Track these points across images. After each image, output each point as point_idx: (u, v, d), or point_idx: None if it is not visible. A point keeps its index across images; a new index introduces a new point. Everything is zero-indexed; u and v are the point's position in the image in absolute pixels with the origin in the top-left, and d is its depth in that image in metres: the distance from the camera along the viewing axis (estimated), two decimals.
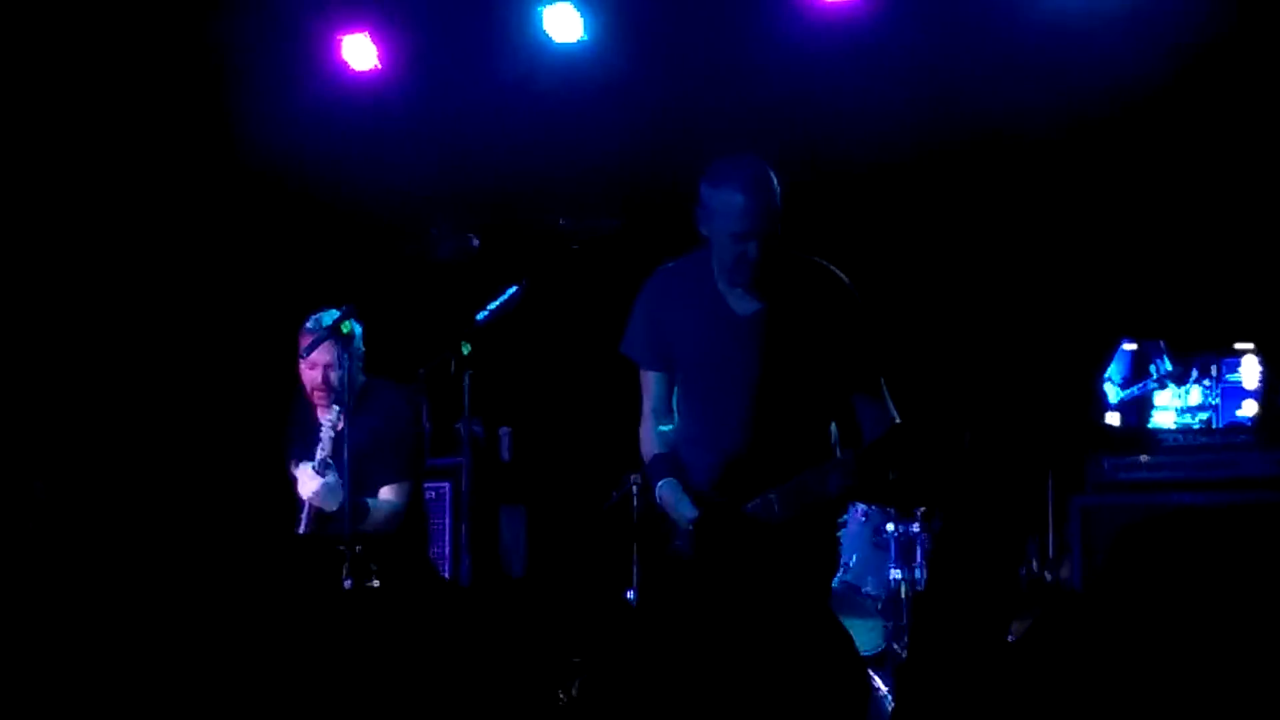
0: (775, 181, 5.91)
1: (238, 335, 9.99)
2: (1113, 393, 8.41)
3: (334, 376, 7.47)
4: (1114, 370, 8.40)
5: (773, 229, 5.87)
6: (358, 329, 7.55)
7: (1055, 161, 9.03)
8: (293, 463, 7.83)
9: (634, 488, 8.26)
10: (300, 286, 7.87)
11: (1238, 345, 8.29)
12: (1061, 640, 6.15)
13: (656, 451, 6.16)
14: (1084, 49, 8.68)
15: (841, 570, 8.33)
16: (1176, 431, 8.21)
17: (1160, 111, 8.74)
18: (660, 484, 6.07)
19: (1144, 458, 8.25)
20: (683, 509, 5.97)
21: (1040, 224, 9.09)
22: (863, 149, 9.04)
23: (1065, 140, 8.93)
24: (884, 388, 6.09)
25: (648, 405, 6.23)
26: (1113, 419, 8.37)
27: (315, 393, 7.55)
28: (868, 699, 6.36)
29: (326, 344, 7.43)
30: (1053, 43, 8.78)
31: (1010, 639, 8.22)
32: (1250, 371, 8.22)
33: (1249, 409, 8.20)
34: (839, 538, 6.28)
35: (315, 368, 7.52)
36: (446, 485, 8.94)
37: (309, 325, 7.57)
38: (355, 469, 7.13)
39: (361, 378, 7.62)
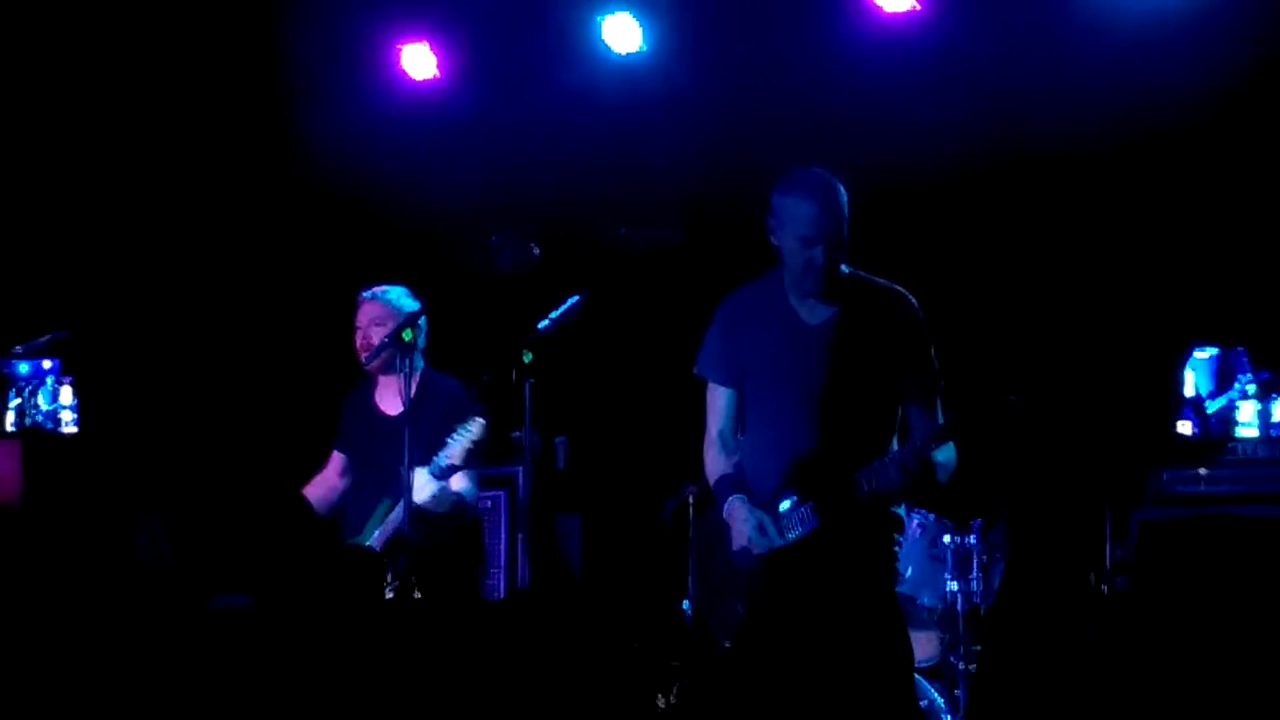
0: (842, 192, 6.13)
1: (299, 344, 10.03)
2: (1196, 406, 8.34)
3: (375, 339, 7.64)
4: (1199, 380, 8.33)
5: (838, 236, 6.09)
6: (405, 305, 7.69)
7: (1127, 170, 8.99)
8: (337, 452, 7.95)
9: (690, 497, 8.29)
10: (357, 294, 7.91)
11: None
12: (1117, 651, 6.15)
13: (724, 472, 6.31)
14: (1147, 57, 8.64)
15: (898, 582, 8.32)
16: (1241, 442, 8.13)
17: (1236, 117, 8.70)
18: (731, 499, 6.21)
19: (1203, 471, 8.18)
20: (752, 529, 6.13)
21: (1112, 233, 9.05)
22: (924, 159, 9.02)
23: (1136, 148, 8.89)
24: (939, 404, 6.24)
25: (714, 427, 6.37)
26: (1184, 427, 8.31)
27: (360, 355, 7.76)
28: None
29: (367, 304, 7.78)
30: (1115, 51, 8.75)
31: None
32: None
33: None
34: (896, 551, 6.32)
35: (359, 329, 7.78)
36: (502, 494, 8.96)
37: (365, 294, 7.73)
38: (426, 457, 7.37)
39: (420, 363, 7.73)
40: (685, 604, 8.22)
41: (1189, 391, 8.19)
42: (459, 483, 7.70)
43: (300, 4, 9.70)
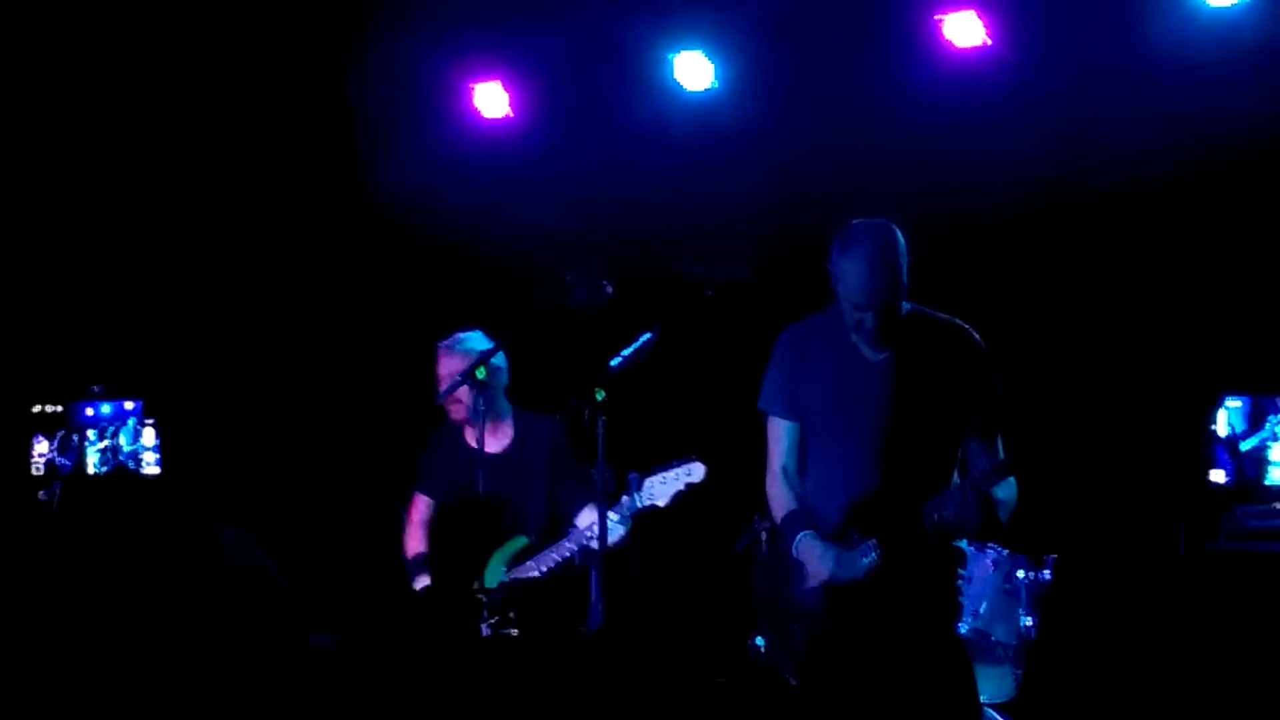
0: (901, 248, 6.11)
1: (376, 382, 10.10)
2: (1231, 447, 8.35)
3: (468, 401, 7.67)
4: (1233, 419, 8.33)
5: (891, 301, 6.09)
6: (498, 361, 7.74)
7: (1183, 210, 8.98)
8: (423, 496, 7.99)
9: (763, 533, 8.28)
10: (436, 335, 7.96)
11: None
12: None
13: (791, 508, 6.31)
14: (1218, 94, 8.63)
15: (971, 618, 8.28)
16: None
17: None
18: (800, 536, 6.22)
19: (1278, 505, 8.17)
20: (826, 564, 6.14)
21: (1167, 272, 9.04)
22: (995, 195, 9.03)
23: (1191, 189, 8.89)
24: (1000, 441, 6.23)
25: (777, 462, 6.37)
26: (1217, 476, 8.31)
27: (450, 409, 7.83)
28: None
29: (443, 356, 7.85)
30: (1186, 86, 8.74)
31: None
32: None
33: None
34: (959, 586, 6.32)
35: (441, 380, 7.81)
36: None
37: (445, 343, 7.76)
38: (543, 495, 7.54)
39: (507, 405, 7.80)
40: (758, 640, 8.21)
41: (1222, 431, 8.20)
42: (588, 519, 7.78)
43: (374, 44, 9.77)
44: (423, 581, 7.81)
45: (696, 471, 7.40)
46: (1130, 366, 8.94)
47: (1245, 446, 8.19)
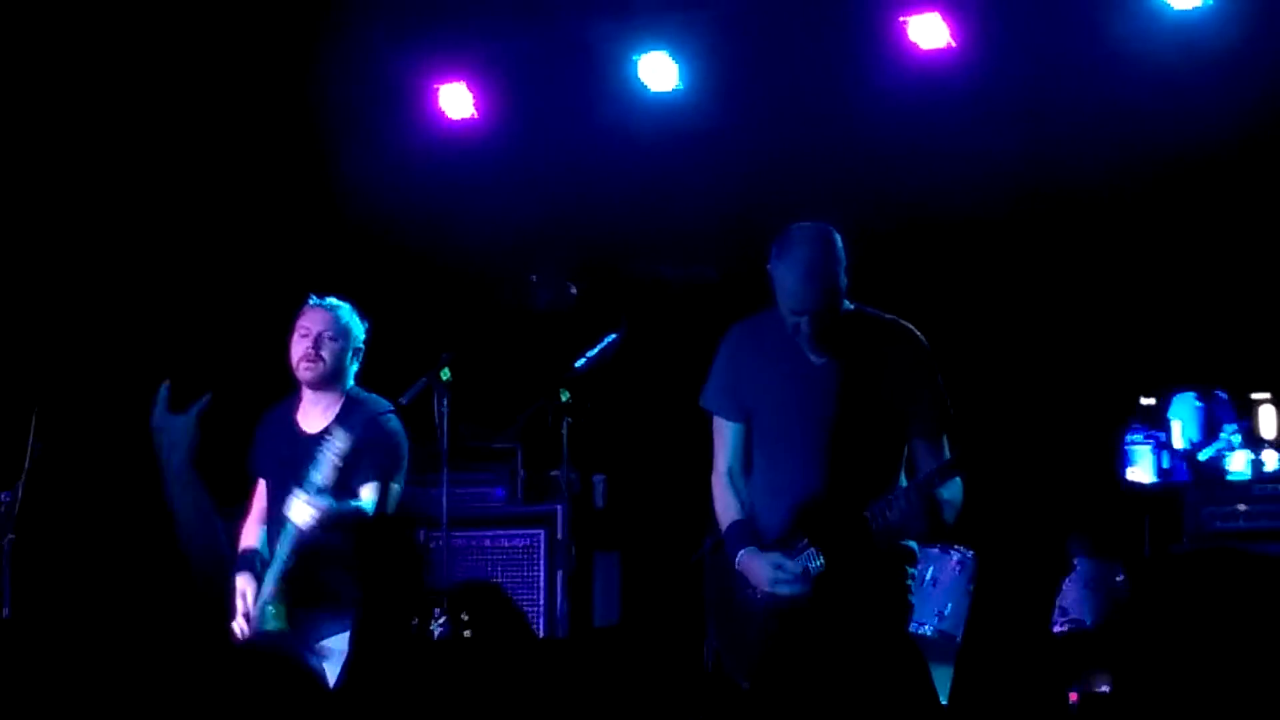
0: (839, 252, 6.11)
1: None
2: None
3: (327, 348, 7.14)
4: (1186, 429, 8.36)
5: (826, 306, 6.07)
6: (350, 322, 7.32)
7: (1145, 212, 9.01)
8: (259, 478, 7.37)
9: (708, 543, 8.27)
10: (400, 335, 7.91)
11: (1254, 395, 8.28)
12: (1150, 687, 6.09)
13: (734, 518, 6.32)
14: (1183, 92, 8.66)
15: (936, 619, 8.30)
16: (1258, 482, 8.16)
17: (1252, 162, 8.71)
18: (741, 553, 6.22)
19: (1242, 507, 8.19)
20: (767, 579, 6.14)
21: (1131, 272, 9.08)
22: (958, 195, 9.04)
23: (1153, 190, 8.92)
24: (944, 439, 6.23)
25: (722, 463, 6.39)
26: (1137, 474, 8.34)
27: (302, 364, 7.18)
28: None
29: (323, 312, 7.21)
30: (1150, 86, 8.76)
31: (1101, 688, 8.18)
32: (1268, 422, 8.22)
33: (1270, 460, 8.16)
34: (909, 586, 6.32)
35: (308, 335, 7.18)
36: (541, 532, 8.95)
37: (310, 300, 7.30)
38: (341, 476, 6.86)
39: (345, 381, 7.25)
40: (711, 644, 8.22)
41: (1178, 443, 8.23)
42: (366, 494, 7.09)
43: (338, 45, 9.75)
44: (243, 579, 7.08)
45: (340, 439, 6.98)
46: (1087, 363, 8.96)
47: (1203, 456, 8.22)
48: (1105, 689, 8.17)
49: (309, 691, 4.35)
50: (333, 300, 7.28)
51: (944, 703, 7.57)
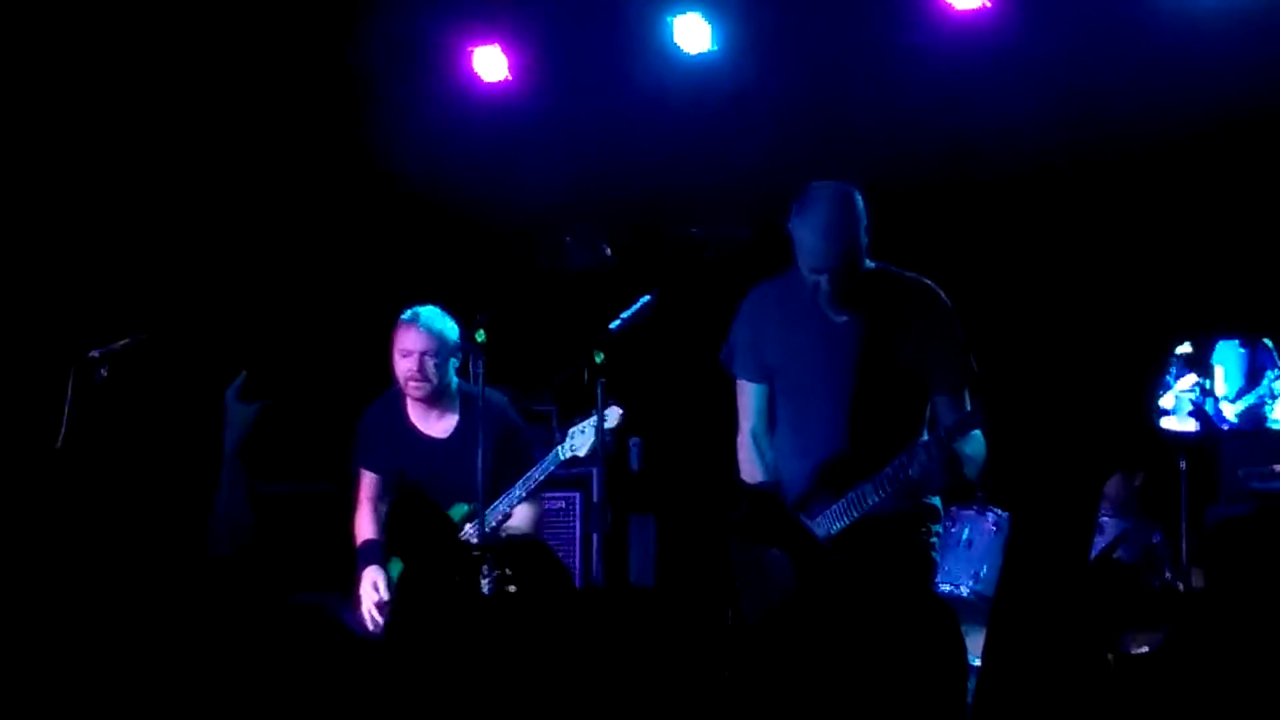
0: (859, 211, 6.13)
1: (376, 344, 10.07)
2: (1229, 409, 8.34)
3: (430, 367, 7.49)
4: (1230, 375, 8.33)
5: (845, 264, 6.10)
6: (440, 328, 7.56)
7: (1183, 168, 8.98)
8: (369, 472, 7.78)
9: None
10: (435, 295, 7.92)
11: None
12: (1194, 648, 6.10)
13: (759, 478, 6.37)
14: (1218, 52, 8.62)
15: (972, 580, 8.31)
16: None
17: None
18: None
19: (1278, 467, 8.17)
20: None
21: (1167, 227, 9.05)
22: (992, 156, 9.02)
23: (1191, 147, 8.88)
24: (966, 395, 6.21)
25: (746, 424, 6.44)
26: (1170, 423, 8.31)
27: (409, 383, 7.54)
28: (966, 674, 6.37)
29: (418, 331, 7.51)
30: (1185, 46, 8.72)
31: (1139, 649, 8.18)
32: None
33: None
34: (933, 542, 6.31)
35: (410, 355, 7.52)
36: (577, 495, 8.96)
37: (405, 317, 7.59)
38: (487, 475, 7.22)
39: (454, 385, 7.64)
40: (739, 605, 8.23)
41: (1219, 389, 8.20)
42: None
43: (373, 9, 9.75)
44: (373, 571, 7.57)
45: (612, 416, 7.30)
46: (1125, 316, 8.95)
47: (1244, 404, 8.19)
48: (1143, 650, 8.17)
49: (352, 647, 4.38)
50: (424, 314, 7.57)
51: (979, 663, 7.57)
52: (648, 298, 6.83)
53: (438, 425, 7.63)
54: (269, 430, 9.73)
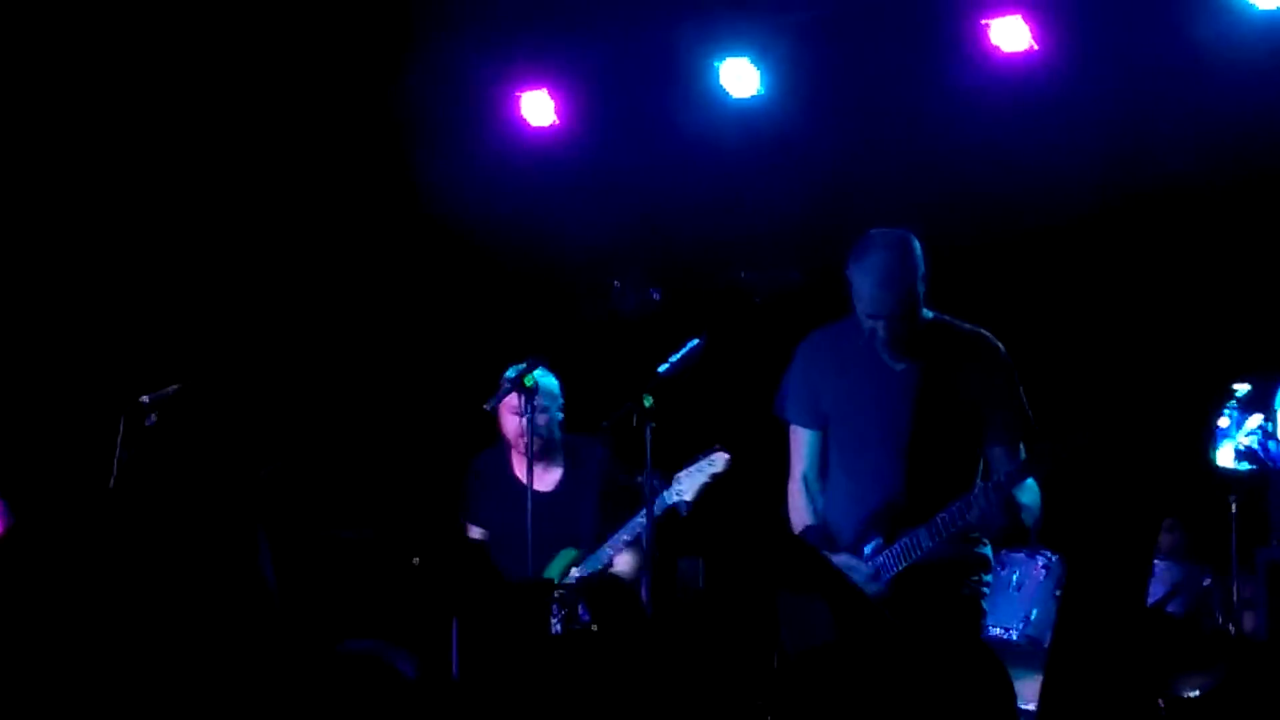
0: (917, 258, 6.12)
1: (426, 390, 10.11)
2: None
3: (541, 423, 7.63)
4: None
5: (903, 312, 6.09)
6: (547, 384, 7.68)
7: (1230, 213, 8.97)
8: (475, 527, 7.91)
9: None
10: (484, 341, 7.98)
11: None
12: (1248, 693, 6.07)
13: (808, 523, 6.36)
14: (1267, 94, 8.61)
15: (1021, 623, 8.27)
16: None
17: None
18: None
19: None
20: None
21: (1216, 272, 9.04)
22: (1042, 200, 9.02)
23: (1239, 192, 8.88)
24: (1022, 449, 6.21)
25: (798, 469, 6.44)
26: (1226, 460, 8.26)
27: (522, 442, 7.64)
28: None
29: (513, 395, 7.59)
30: (1233, 88, 8.71)
31: (1191, 692, 8.14)
32: None
33: None
34: (984, 591, 6.30)
35: (519, 415, 7.62)
36: None
37: (509, 376, 7.71)
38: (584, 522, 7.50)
39: (558, 438, 7.77)
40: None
41: None
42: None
43: (422, 53, 9.80)
44: None
45: (719, 461, 7.41)
46: (1182, 359, 8.93)
47: None
48: (1194, 693, 8.13)
49: (410, 694, 4.39)
50: (531, 375, 7.60)
51: (1033, 709, 7.54)
52: (696, 341, 6.85)
53: (544, 478, 7.76)
54: (314, 477, 9.78)
